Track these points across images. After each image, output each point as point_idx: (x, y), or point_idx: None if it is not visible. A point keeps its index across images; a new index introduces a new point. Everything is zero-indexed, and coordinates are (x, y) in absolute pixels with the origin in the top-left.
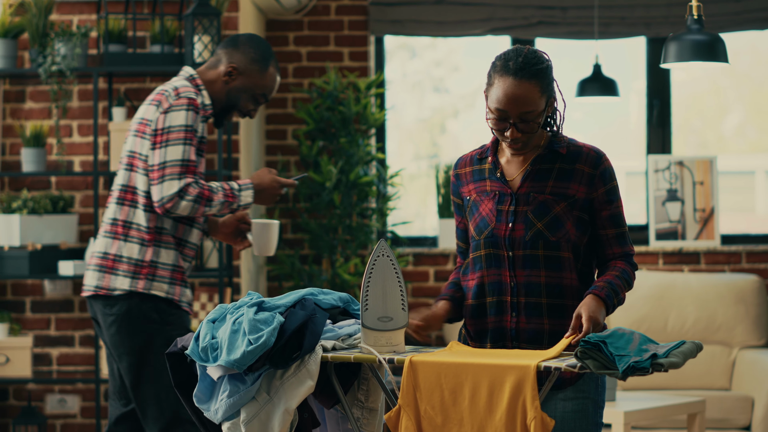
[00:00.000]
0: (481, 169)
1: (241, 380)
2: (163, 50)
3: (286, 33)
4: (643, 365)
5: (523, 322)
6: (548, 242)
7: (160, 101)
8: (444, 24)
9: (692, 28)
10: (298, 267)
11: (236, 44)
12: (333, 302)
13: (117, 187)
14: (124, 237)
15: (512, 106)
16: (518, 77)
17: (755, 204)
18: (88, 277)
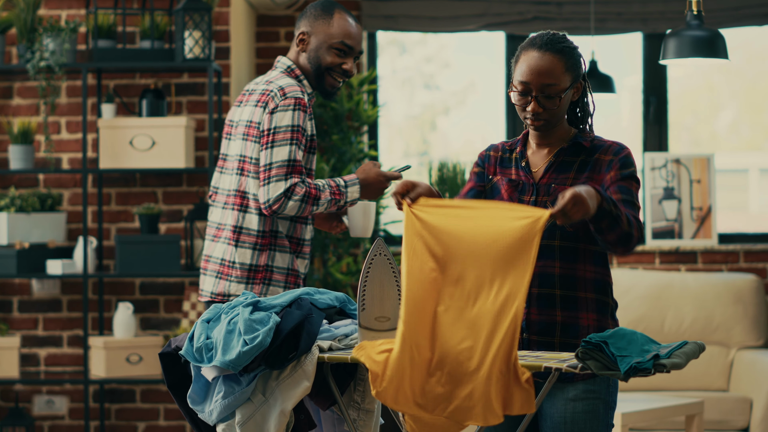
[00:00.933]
0: (509, 158)
1: (236, 381)
2: (153, 46)
3: (277, 29)
4: (646, 366)
5: (534, 314)
6: (565, 233)
7: (267, 102)
8: (437, 19)
9: (692, 24)
10: None
11: (301, 15)
12: (329, 302)
13: (226, 191)
14: (236, 242)
15: (534, 77)
16: (543, 50)
17: (749, 202)
18: (205, 282)
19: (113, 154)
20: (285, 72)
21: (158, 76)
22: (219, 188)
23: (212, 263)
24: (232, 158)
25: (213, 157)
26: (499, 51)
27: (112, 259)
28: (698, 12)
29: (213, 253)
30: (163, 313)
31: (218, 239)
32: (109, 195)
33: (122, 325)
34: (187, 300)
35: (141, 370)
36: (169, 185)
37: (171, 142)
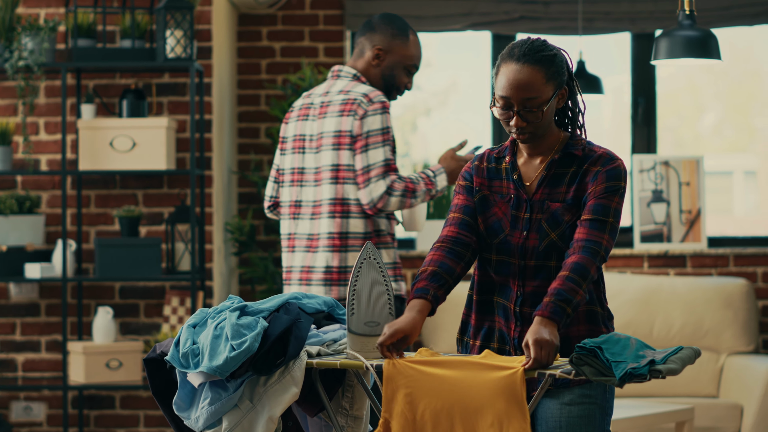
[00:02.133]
0: (498, 168)
1: (223, 387)
2: (134, 45)
3: (259, 28)
4: (641, 372)
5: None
6: (561, 254)
7: (354, 110)
8: (423, 19)
9: (684, 24)
10: (271, 270)
11: (372, 27)
12: (317, 306)
13: (312, 202)
14: (344, 248)
15: (514, 92)
16: (521, 62)
17: (733, 205)
18: (314, 292)
19: (93, 155)
20: (354, 80)
21: (139, 76)
22: (302, 201)
23: (317, 272)
24: (318, 170)
25: (194, 158)
26: (482, 50)
27: (92, 263)
28: (690, 11)
29: (314, 263)
30: (144, 317)
31: (316, 249)
32: (88, 197)
33: (102, 330)
34: (168, 304)
35: (121, 375)
36: (150, 187)
37: (152, 144)
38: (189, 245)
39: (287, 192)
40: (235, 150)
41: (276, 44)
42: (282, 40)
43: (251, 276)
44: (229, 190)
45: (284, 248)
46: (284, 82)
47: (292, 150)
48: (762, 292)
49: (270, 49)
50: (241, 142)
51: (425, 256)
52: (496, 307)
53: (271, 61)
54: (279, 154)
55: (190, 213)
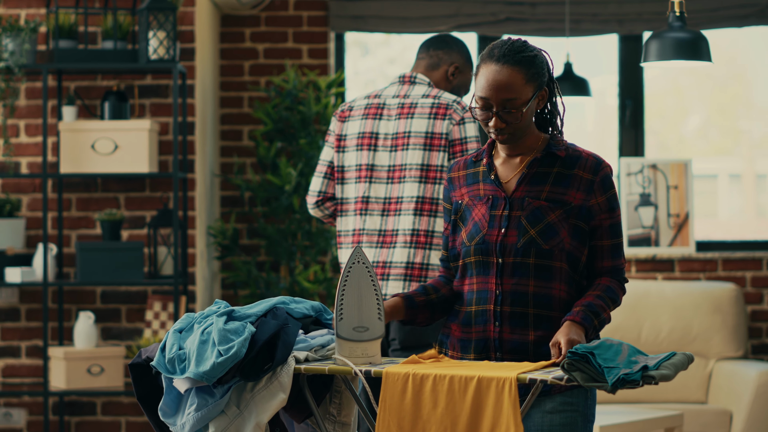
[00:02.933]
0: (475, 172)
1: (210, 393)
2: (116, 46)
3: (243, 29)
4: (634, 378)
5: (507, 332)
6: (541, 250)
7: (450, 114)
8: (408, 20)
9: (674, 26)
10: (254, 274)
11: (449, 44)
12: (305, 311)
13: (384, 199)
14: (429, 245)
15: (493, 93)
16: (501, 62)
17: (718, 209)
18: (391, 287)
19: (74, 158)
20: (431, 88)
21: (121, 78)
22: (371, 197)
23: (396, 268)
24: (394, 168)
25: (177, 161)
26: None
27: (73, 267)
28: (681, 13)
29: (391, 258)
30: (125, 322)
31: (391, 245)
32: (69, 200)
33: (83, 335)
34: (150, 309)
35: (102, 381)
36: (132, 190)
37: (134, 146)
38: (171, 249)
39: (352, 188)
40: (218, 153)
41: (259, 46)
42: (265, 41)
43: (234, 280)
44: (212, 194)
45: (347, 244)
46: (268, 84)
47: (357, 147)
48: (751, 296)
49: (253, 51)
50: (223, 144)
51: None
52: (473, 317)
53: (255, 63)
54: (332, 151)
55: (173, 216)
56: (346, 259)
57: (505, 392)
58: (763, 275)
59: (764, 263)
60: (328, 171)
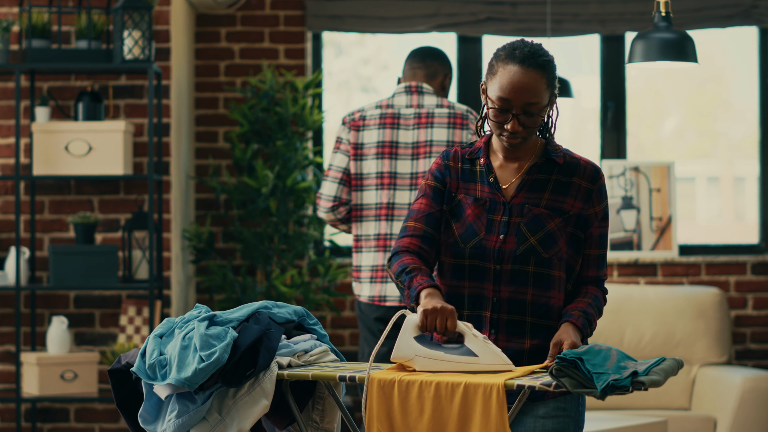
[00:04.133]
0: (472, 170)
1: (191, 399)
2: (90, 46)
3: (218, 29)
4: (623, 383)
5: (503, 340)
6: (540, 259)
7: (467, 124)
8: (386, 20)
9: (659, 26)
10: (230, 278)
11: (442, 55)
12: (288, 316)
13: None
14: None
15: (517, 95)
16: (525, 65)
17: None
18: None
19: (47, 160)
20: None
21: (95, 78)
22: (396, 203)
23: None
24: (415, 175)
25: (152, 163)
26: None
27: (46, 271)
28: (666, 13)
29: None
30: (99, 327)
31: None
32: (42, 203)
33: (56, 341)
34: (125, 314)
35: (76, 387)
36: (106, 193)
37: (108, 148)
38: (146, 253)
39: (373, 195)
40: (193, 154)
41: (235, 45)
42: (241, 41)
43: (209, 285)
44: (187, 196)
45: (368, 248)
46: (244, 85)
47: (377, 155)
48: (734, 301)
49: (229, 51)
50: (198, 146)
51: None
52: (466, 320)
53: (230, 63)
54: (347, 159)
55: (148, 219)
56: (374, 263)
57: (492, 398)
58: (746, 280)
59: (748, 267)
60: (344, 177)
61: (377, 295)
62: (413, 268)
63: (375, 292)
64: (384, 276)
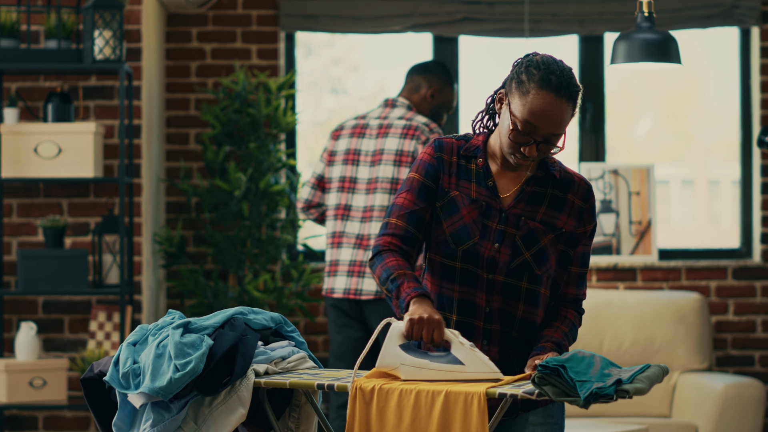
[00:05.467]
0: (467, 167)
1: (166, 408)
2: (60, 46)
3: (189, 28)
4: (607, 391)
5: (495, 352)
6: (533, 275)
7: (417, 135)
8: (361, 20)
9: (642, 26)
10: (202, 283)
11: (429, 69)
12: (264, 323)
13: (377, 207)
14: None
15: (545, 124)
16: (560, 96)
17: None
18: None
19: (16, 162)
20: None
21: (65, 79)
22: (352, 205)
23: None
24: (371, 180)
25: (123, 165)
26: (413, 53)
27: (14, 276)
28: (650, 13)
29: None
30: (69, 333)
31: (367, 247)
32: (10, 206)
33: (24, 347)
34: (94, 319)
35: (45, 395)
36: (76, 196)
37: (78, 150)
38: (117, 257)
39: (334, 197)
40: (163, 157)
41: (206, 46)
42: (213, 41)
43: (181, 290)
44: (158, 200)
45: (329, 245)
46: (216, 86)
47: (343, 162)
48: (715, 306)
49: (200, 51)
50: (169, 148)
51: None
52: (454, 327)
53: (202, 64)
54: (323, 165)
55: (119, 223)
56: (331, 258)
57: (473, 407)
58: (727, 285)
59: (729, 272)
60: (316, 183)
61: (328, 288)
62: (398, 275)
63: (328, 284)
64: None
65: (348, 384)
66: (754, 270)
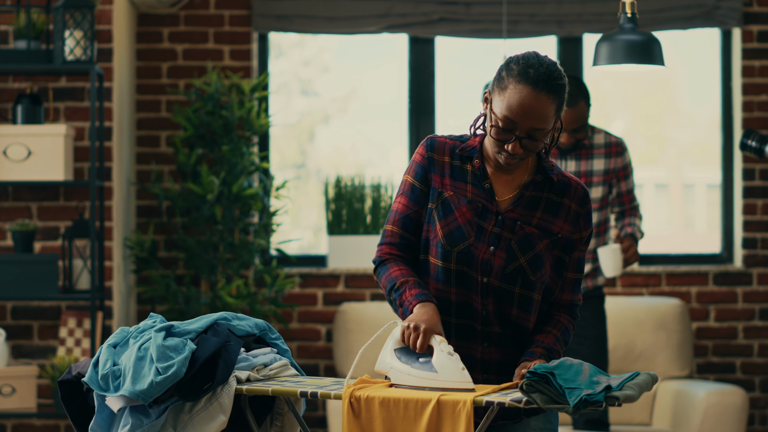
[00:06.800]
0: (463, 168)
1: (145, 413)
2: (30, 46)
3: (160, 29)
4: (597, 398)
5: (495, 353)
6: (527, 281)
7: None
8: (335, 20)
9: (625, 27)
10: (173, 288)
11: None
12: (248, 329)
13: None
14: None
15: (524, 119)
16: (538, 89)
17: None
18: None
19: None
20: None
21: (34, 80)
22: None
23: None
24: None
25: (95, 168)
26: (388, 54)
27: None
28: (632, 14)
29: None
30: (38, 340)
31: None
32: None
33: None
34: (64, 326)
35: (13, 402)
36: (45, 199)
37: (48, 153)
38: (88, 262)
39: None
40: (134, 160)
41: (178, 46)
42: (184, 41)
43: (152, 295)
44: (128, 203)
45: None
46: (187, 87)
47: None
48: (696, 312)
49: (171, 52)
50: (140, 151)
51: (337, 274)
52: (452, 329)
53: (173, 65)
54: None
55: (90, 227)
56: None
57: (462, 416)
58: (708, 290)
59: (710, 277)
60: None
61: None
62: (401, 284)
63: None
64: None
65: (331, 392)
66: (735, 275)
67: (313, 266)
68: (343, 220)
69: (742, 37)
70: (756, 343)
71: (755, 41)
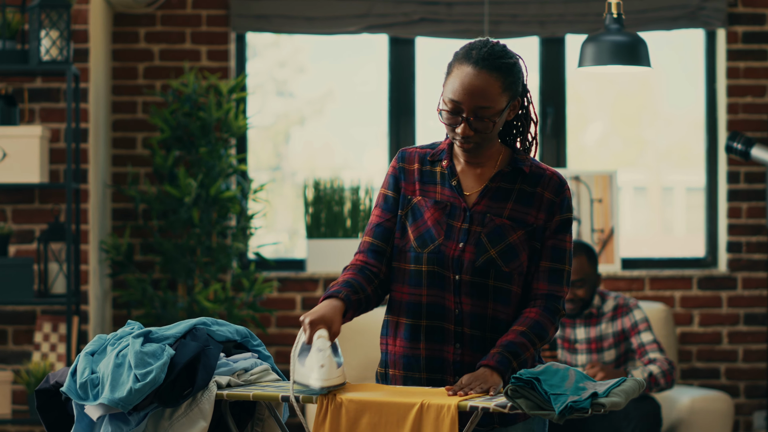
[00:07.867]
0: (432, 171)
1: (125, 420)
2: (5, 46)
3: (136, 29)
4: (582, 405)
5: (468, 355)
6: (500, 272)
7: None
8: (314, 20)
9: (611, 28)
10: (150, 293)
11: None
12: (228, 335)
13: None
14: None
15: (467, 98)
16: (478, 67)
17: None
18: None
19: None
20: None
21: (9, 81)
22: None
23: None
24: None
25: (71, 170)
26: (365, 54)
27: None
28: (618, 15)
29: None
30: (12, 345)
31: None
32: None
33: None
34: (39, 330)
35: None
36: (20, 202)
37: (24, 154)
38: (63, 266)
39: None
40: (110, 162)
41: (154, 47)
42: (161, 42)
43: (128, 299)
44: (104, 206)
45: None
46: (164, 88)
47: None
48: (680, 317)
49: (148, 52)
50: (115, 153)
51: (316, 278)
52: (423, 332)
53: (150, 65)
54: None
55: (66, 231)
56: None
57: (445, 421)
58: (692, 295)
59: (694, 282)
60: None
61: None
62: (331, 285)
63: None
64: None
65: (313, 396)
66: (719, 280)
67: (291, 270)
68: (322, 224)
69: (727, 38)
70: (741, 348)
71: (740, 42)
